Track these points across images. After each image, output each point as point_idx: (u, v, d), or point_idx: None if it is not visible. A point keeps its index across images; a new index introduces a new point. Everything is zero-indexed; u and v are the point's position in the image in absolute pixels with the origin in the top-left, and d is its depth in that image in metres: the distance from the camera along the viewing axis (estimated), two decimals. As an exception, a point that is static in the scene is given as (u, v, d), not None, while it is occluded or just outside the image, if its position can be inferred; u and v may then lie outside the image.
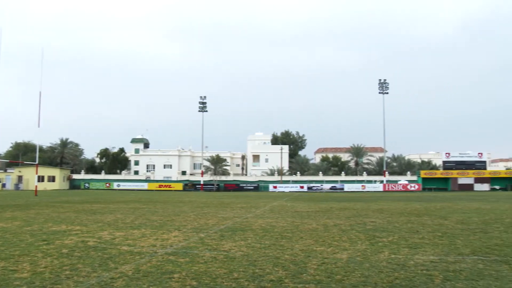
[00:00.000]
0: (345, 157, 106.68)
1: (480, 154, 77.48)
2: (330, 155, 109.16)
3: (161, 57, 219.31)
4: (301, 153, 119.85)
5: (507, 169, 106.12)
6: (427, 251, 9.97)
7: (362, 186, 73.48)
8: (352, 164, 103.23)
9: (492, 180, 75.53)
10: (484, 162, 78.66)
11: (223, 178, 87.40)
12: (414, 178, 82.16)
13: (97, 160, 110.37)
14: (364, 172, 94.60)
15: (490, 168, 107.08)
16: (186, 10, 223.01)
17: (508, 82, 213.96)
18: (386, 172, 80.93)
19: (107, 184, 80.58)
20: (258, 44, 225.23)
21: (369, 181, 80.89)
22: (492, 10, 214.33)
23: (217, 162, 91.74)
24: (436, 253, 9.65)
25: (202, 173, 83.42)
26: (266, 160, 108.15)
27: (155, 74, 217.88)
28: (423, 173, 77.04)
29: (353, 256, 9.31)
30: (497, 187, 74.33)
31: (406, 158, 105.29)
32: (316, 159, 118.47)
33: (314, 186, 73.71)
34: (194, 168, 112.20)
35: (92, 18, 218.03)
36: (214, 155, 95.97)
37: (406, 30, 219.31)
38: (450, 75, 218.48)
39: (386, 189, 72.18)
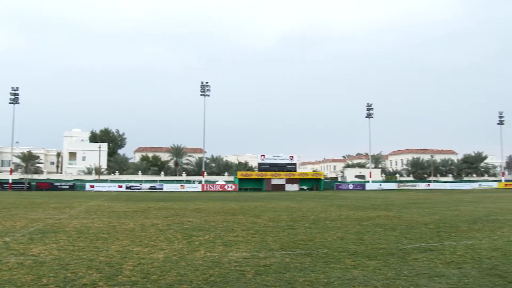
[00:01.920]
0: (165, 157, 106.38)
1: (291, 157, 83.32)
2: (150, 155, 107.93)
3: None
4: (121, 151, 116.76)
5: (313, 171, 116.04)
6: (240, 248, 10.45)
7: (181, 186, 73.98)
8: (172, 164, 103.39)
9: (301, 181, 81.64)
10: (295, 164, 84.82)
11: (36, 176, 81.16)
12: (231, 178, 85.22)
13: None
14: (184, 172, 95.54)
15: (300, 170, 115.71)
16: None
17: (313, 96, 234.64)
18: (205, 173, 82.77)
19: None
20: (80, 38, 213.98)
21: (188, 181, 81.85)
22: (304, 31, 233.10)
23: (29, 159, 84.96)
24: (249, 250, 10.16)
25: (11, 171, 76.47)
26: (84, 158, 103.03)
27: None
28: (240, 174, 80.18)
29: (170, 256, 9.37)
30: (305, 187, 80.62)
31: (224, 159, 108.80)
32: (136, 158, 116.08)
33: (133, 186, 72.20)
34: (2, 166, 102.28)
35: None
36: (25, 151, 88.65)
37: (232, 39, 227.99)
38: (268, 83, 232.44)
39: (205, 189, 73.60)
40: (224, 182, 79.29)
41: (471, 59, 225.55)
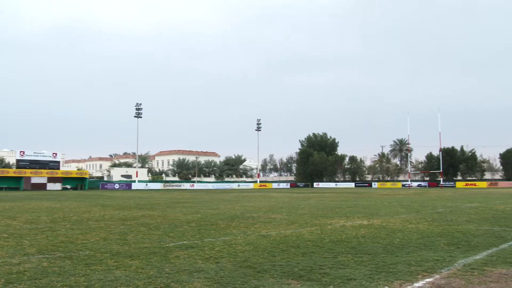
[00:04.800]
0: None
1: (54, 154, 78.54)
2: None
3: None
4: None
5: (78, 169, 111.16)
6: (-10, 254, 9.49)
7: None
8: None
9: (64, 179, 77.60)
10: (58, 162, 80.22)
11: None
12: (-17, 176, 76.84)
13: None
14: None
15: (64, 168, 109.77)
16: None
17: (82, 91, 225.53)
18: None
19: None
20: None
21: None
22: (78, 23, 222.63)
23: None
24: (0, 256, 9.29)
25: None
26: None
27: None
28: (-6, 172, 72.75)
29: None
30: (68, 186, 76.82)
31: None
32: None
33: None
34: None
35: None
36: None
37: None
38: (33, 75, 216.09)
39: None
40: (-27, 181, 70.86)
41: (239, 71, 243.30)
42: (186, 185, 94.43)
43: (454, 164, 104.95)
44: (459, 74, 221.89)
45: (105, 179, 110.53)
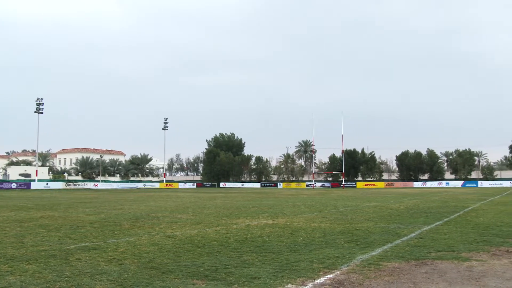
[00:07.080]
0: None
1: None
2: None
3: None
4: None
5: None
6: None
7: None
8: None
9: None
10: None
11: None
12: None
13: None
14: None
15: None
16: None
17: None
18: None
19: None
20: None
21: None
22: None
23: None
24: None
25: None
26: None
27: None
28: None
29: None
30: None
31: None
32: None
33: None
34: None
35: None
36: None
37: None
38: None
39: None
40: None
41: (147, 69, 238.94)
42: (90, 185, 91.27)
43: (355, 165, 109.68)
44: (361, 80, 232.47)
45: (1, 178, 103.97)
